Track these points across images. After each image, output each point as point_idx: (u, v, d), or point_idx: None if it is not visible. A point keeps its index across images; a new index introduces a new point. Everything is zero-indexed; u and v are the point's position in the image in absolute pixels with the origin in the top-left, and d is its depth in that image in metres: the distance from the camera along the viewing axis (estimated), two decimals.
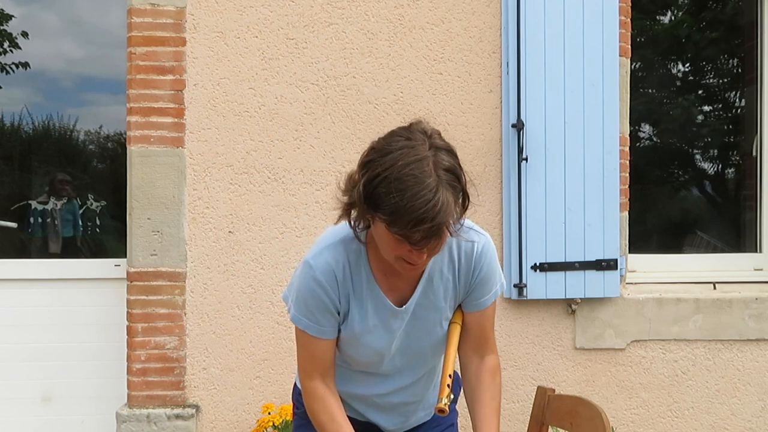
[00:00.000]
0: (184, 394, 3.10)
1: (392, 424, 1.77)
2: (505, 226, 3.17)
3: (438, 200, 1.32)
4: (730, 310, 3.29)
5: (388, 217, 1.35)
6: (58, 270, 3.38)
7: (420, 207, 1.31)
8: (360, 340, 1.61)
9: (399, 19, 3.17)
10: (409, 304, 1.60)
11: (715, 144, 4.19)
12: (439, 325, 1.64)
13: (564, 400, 1.90)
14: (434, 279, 1.60)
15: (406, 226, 1.33)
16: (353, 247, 1.56)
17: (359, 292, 1.58)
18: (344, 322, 1.60)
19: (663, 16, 4.18)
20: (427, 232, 1.34)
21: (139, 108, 3.07)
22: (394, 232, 1.36)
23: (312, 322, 1.58)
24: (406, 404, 1.75)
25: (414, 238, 1.35)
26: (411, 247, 1.38)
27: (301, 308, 1.58)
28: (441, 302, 1.62)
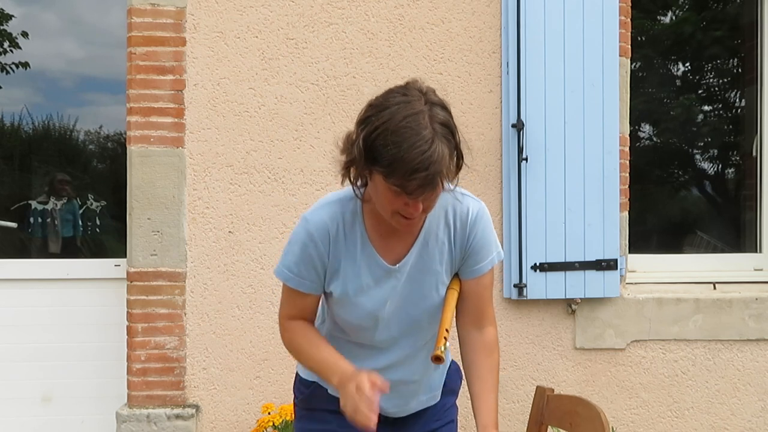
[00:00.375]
0: (184, 394, 3.10)
1: (392, 405, 1.73)
2: (505, 226, 3.16)
3: (434, 151, 1.38)
4: (730, 310, 3.29)
5: (386, 168, 1.39)
6: (58, 270, 3.38)
7: (416, 157, 1.37)
8: (353, 300, 1.62)
9: (399, 19, 3.17)
10: (402, 264, 1.62)
11: (715, 144, 4.19)
12: (434, 289, 1.65)
13: (563, 400, 1.90)
14: (429, 242, 1.62)
15: (404, 175, 1.38)
16: (350, 207, 1.60)
17: (353, 251, 1.60)
18: (337, 280, 1.61)
19: (663, 16, 4.18)
20: (423, 180, 1.38)
21: (139, 108, 3.07)
22: (391, 183, 1.41)
23: (293, 275, 1.61)
24: (405, 383, 1.72)
25: (410, 187, 1.39)
26: (407, 198, 1.42)
27: (287, 260, 1.62)
28: (436, 265, 1.63)
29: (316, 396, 1.79)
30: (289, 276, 1.62)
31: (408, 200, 1.43)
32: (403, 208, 1.46)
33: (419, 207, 1.45)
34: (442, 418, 1.82)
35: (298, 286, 1.63)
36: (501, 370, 3.26)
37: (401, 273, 1.62)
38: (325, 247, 1.59)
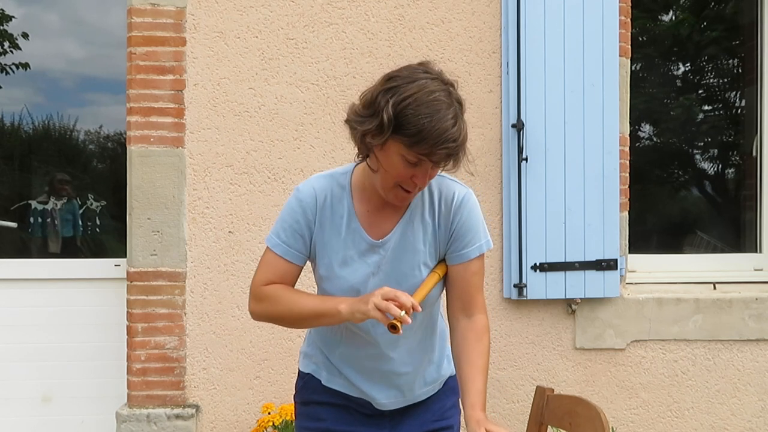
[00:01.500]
0: (184, 394, 3.10)
1: (387, 397, 1.74)
2: (505, 226, 3.17)
3: (460, 125, 1.50)
4: (730, 310, 3.29)
5: (413, 137, 1.46)
6: (58, 270, 3.38)
7: (447, 128, 1.46)
8: (337, 273, 1.65)
9: (399, 19, 3.17)
10: (386, 239, 1.65)
11: (715, 144, 4.19)
12: (417, 268, 1.66)
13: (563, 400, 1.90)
14: (414, 221, 1.66)
15: (434, 145, 1.46)
16: (339, 182, 1.68)
17: (339, 224, 1.65)
18: (322, 251, 1.66)
19: (663, 16, 4.18)
20: (452, 150, 1.48)
21: (139, 108, 3.07)
22: (415, 152, 1.48)
23: (281, 241, 1.67)
24: (398, 375, 1.72)
25: (437, 156, 1.48)
26: (420, 169, 1.51)
27: (277, 228, 1.69)
28: (420, 245, 1.66)
29: (310, 387, 1.80)
30: (277, 243, 1.68)
31: (417, 172, 1.51)
32: (408, 181, 1.53)
33: (427, 178, 1.54)
34: (442, 419, 1.81)
35: (284, 253, 1.67)
36: (501, 370, 3.28)
37: (385, 249, 1.65)
38: (312, 216, 1.66)
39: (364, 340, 1.69)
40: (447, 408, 1.83)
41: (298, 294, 1.68)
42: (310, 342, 1.84)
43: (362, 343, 1.70)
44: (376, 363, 1.71)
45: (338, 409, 1.77)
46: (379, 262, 1.65)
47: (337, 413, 1.77)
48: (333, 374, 1.76)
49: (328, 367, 1.77)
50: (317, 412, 1.78)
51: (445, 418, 1.82)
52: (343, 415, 1.76)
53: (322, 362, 1.78)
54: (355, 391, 1.75)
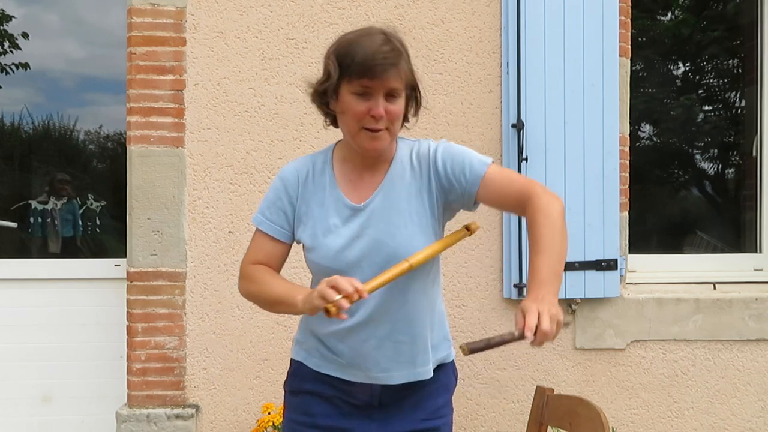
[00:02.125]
0: (184, 394, 3.10)
1: (383, 369, 1.71)
2: (505, 226, 3.16)
3: (392, 44, 1.61)
4: (730, 310, 3.29)
5: (350, 67, 1.58)
6: (58, 270, 3.38)
7: (376, 45, 1.58)
8: (322, 241, 1.69)
9: (399, 19, 3.17)
10: (367, 202, 1.69)
11: (715, 144, 4.19)
12: (403, 227, 1.67)
13: (563, 400, 1.90)
14: (395, 183, 1.70)
15: (366, 62, 1.56)
16: (320, 158, 1.77)
17: (321, 195, 1.72)
18: (306, 224, 1.72)
19: (663, 16, 4.18)
20: (383, 61, 1.56)
21: (139, 108, 3.07)
22: (357, 82, 1.58)
23: (264, 218, 1.77)
24: (391, 341, 1.70)
25: (375, 73, 1.56)
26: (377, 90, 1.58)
27: (261, 206, 1.78)
28: (403, 203, 1.69)
29: (299, 375, 1.80)
30: (261, 220, 1.77)
31: (371, 104, 1.59)
32: (367, 117, 1.60)
33: (381, 109, 1.59)
34: (433, 418, 1.79)
35: (267, 229, 1.76)
36: (501, 370, 3.29)
37: (367, 211, 1.69)
38: (294, 191, 1.74)
39: (356, 306, 1.62)
40: (439, 407, 1.81)
41: (273, 279, 1.73)
42: (302, 328, 1.84)
43: (352, 309, 1.63)
44: (369, 330, 1.69)
45: (327, 401, 1.76)
46: (362, 225, 1.67)
47: (326, 406, 1.76)
48: (326, 358, 1.74)
49: (321, 349, 1.75)
50: (306, 403, 1.77)
51: (437, 417, 1.80)
52: (332, 409, 1.76)
53: (313, 347, 1.77)
54: (349, 372, 1.73)
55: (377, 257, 1.66)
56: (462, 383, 3.20)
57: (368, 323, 1.69)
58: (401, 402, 1.76)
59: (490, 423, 3.22)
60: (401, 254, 1.65)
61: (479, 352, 1.51)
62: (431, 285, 1.76)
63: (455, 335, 3.19)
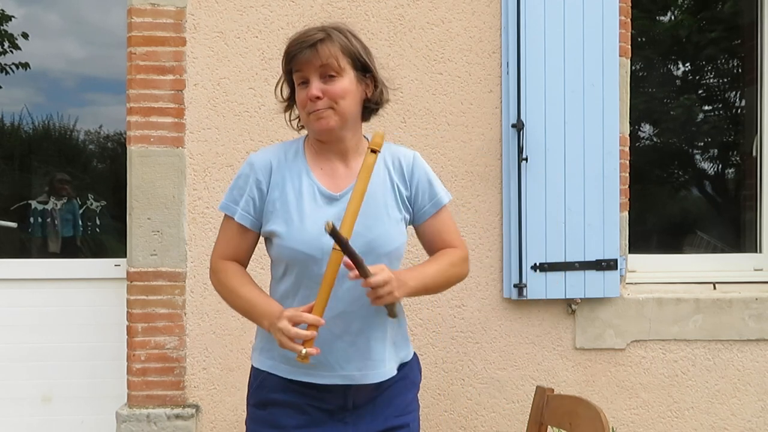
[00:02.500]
0: (184, 394, 3.10)
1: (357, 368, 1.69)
2: (505, 226, 3.17)
3: (324, 29, 1.67)
4: (730, 310, 3.29)
5: (286, 60, 1.70)
6: (58, 270, 3.38)
7: (303, 33, 1.68)
8: (297, 226, 1.68)
9: (399, 19, 3.17)
10: (346, 191, 1.71)
11: (715, 144, 4.19)
12: (379, 219, 1.70)
13: (563, 400, 1.91)
14: (372, 176, 1.69)
15: (291, 48, 1.66)
16: (293, 147, 1.79)
17: (295, 182, 1.73)
18: (278, 210, 1.70)
19: (663, 16, 4.18)
20: (305, 42, 1.64)
21: (139, 108, 3.07)
22: (293, 71, 1.69)
23: (230, 202, 1.75)
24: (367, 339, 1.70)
25: (299, 54, 1.65)
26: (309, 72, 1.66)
27: (228, 193, 1.77)
28: (380, 196, 1.73)
29: (267, 386, 1.74)
30: (227, 205, 1.75)
31: (311, 87, 1.66)
32: (310, 104, 1.67)
33: (314, 90, 1.65)
34: (403, 414, 1.79)
35: (238, 217, 1.74)
36: (501, 370, 3.28)
37: (344, 200, 1.69)
38: (264, 178, 1.73)
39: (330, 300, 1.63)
40: (408, 402, 1.82)
41: (240, 282, 1.75)
42: (263, 333, 1.76)
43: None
44: (343, 324, 1.68)
45: (298, 411, 1.72)
46: (339, 213, 1.66)
47: (298, 417, 1.72)
48: (295, 364, 1.65)
49: (290, 355, 1.64)
50: (276, 416, 1.72)
51: (407, 413, 1.81)
52: (305, 419, 1.71)
53: (280, 353, 1.69)
54: (321, 375, 1.70)
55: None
56: (462, 383, 3.20)
57: (342, 317, 1.67)
58: (373, 402, 1.76)
59: (490, 423, 3.22)
60: (377, 245, 1.68)
61: (336, 242, 1.54)
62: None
63: (455, 335, 3.20)
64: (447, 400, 3.20)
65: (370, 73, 1.74)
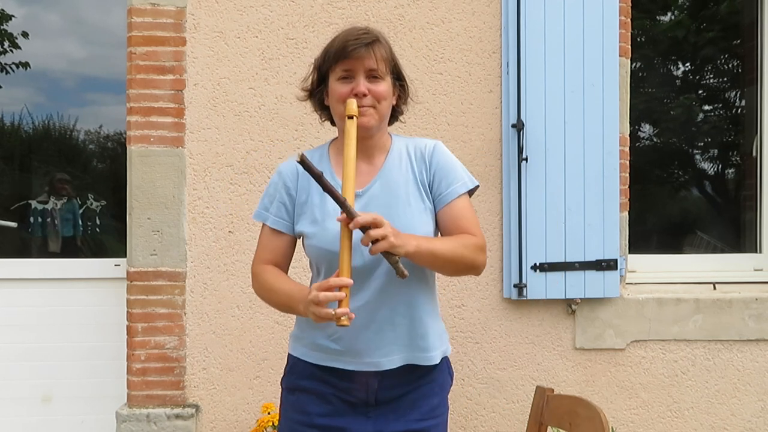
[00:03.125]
0: (184, 394, 3.10)
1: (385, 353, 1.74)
2: (505, 226, 3.17)
3: (370, 31, 1.73)
4: (730, 310, 3.29)
5: (330, 52, 1.72)
6: (58, 270, 3.38)
7: (352, 31, 1.73)
8: (322, 225, 1.74)
9: (399, 19, 3.17)
10: (366, 188, 1.77)
11: (715, 144, 4.19)
12: (401, 211, 1.74)
13: (563, 400, 1.90)
14: (393, 171, 1.79)
15: (344, 44, 1.69)
16: (317, 152, 1.87)
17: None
18: (306, 212, 1.78)
19: (663, 16, 4.18)
20: (361, 41, 1.69)
21: (139, 108, 3.07)
22: (338, 65, 1.71)
23: (262, 209, 1.84)
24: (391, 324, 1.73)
25: (350, 51, 1.69)
26: (358, 69, 1.70)
27: (262, 201, 1.85)
28: (401, 190, 1.77)
29: (296, 371, 1.82)
30: (263, 214, 1.84)
31: (353, 84, 1.71)
32: (351, 96, 1.70)
33: (362, 87, 1.70)
34: (428, 418, 1.80)
35: (272, 223, 1.82)
36: (501, 370, 3.28)
37: (366, 197, 1.76)
38: (292, 184, 1.81)
39: (357, 290, 1.68)
40: (434, 406, 1.82)
41: (276, 279, 1.78)
42: (299, 322, 1.86)
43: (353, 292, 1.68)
44: (369, 313, 1.72)
45: (323, 400, 1.77)
46: (361, 209, 1.70)
47: (323, 406, 1.77)
48: (324, 350, 1.76)
49: (319, 340, 1.77)
50: (302, 402, 1.79)
51: (432, 417, 1.81)
52: (328, 408, 1.77)
53: (311, 341, 1.79)
54: (347, 361, 1.75)
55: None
56: (462, 383, 3.20)
57: (368, 306, 1.72)
58: (398, 401, 1.78)
59: (490, 423, 3.22)
60: None
61: (307, 170, 1.56)
62: (429, 271, 1.80)
63: (455, 335, 3.20)
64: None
65: (402, 82, 1.83)
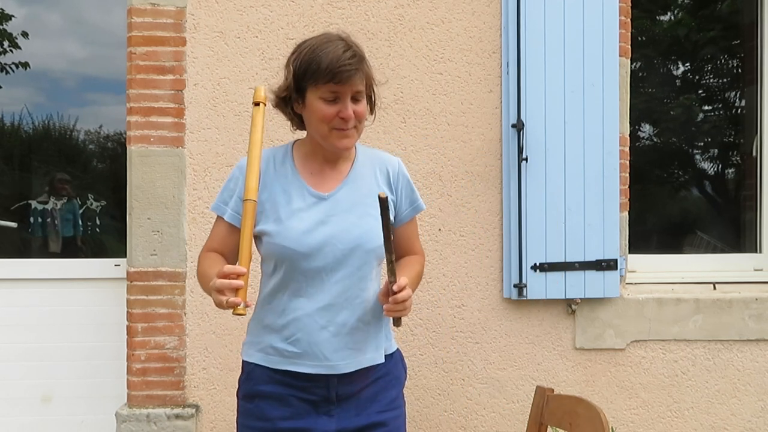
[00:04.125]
0: (184, 394, 3.10)
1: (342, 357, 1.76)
2: (505, 226, 3.17)
3: (353, 50, 1.72)
4: (730, 310, 3.29)
5: (316, 73, 1.69)
6: (58, 270, 3.38)
7: (339, 51, 1.70)
8: (285, 224, 1.75)
9: (399, 19, 3.17)
10: (333, 192, 1.80)
11: (715, 144, 4.19)
12: (366, 218, 1.78)
13: (563, 400, 1.91)
14: (359, 178, 1.84)
15: (333, 69, 1.67)
16: (281, 151, 1.88)
17: (283, 183, 1.81)
18: (268, 210, 1.78)
19: (663, 16, 4.18)
20: (351, 68, 1.68)
21: (139, 108, 3.07)
22: (325, 87, 1.69)
23: (220, 203, 1.85)
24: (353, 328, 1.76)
25: (342, 77, 1.67)
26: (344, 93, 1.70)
27: (221, 195, 1.86)
28: (366, 198, 1.81)
29: (254, 378, 1.83)
30: (220, 206, 1.85)
31: (340, 107, 1.71)
32: (337, 119, 1.72)
33: (350, 111, 1.72)
34: (388, 410, 1.84)
35: (228, 217, 1.83)
36: (501, 370, 3.28)
37: (332, 200, 1.79)
38: None
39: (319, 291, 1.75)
40: (393, 398, 1.86)
41: (210, 264, 1.79)
42: (253, 328, 1.87)
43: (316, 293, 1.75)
44: (331, 316, 1.75)
45: (284, 404, 1.78)
46: (327, 212, 1.76)
47: (284, 409, 1.78)
48: (281, 353, 1.77)
49: (276, 344, 1.78)
50: (262, 408, 1.80)
51: (392, 409, 1.85)
52: (290, 411, 1.77)
53: (268, 344, 1.80)
54: (306, 364, 1.76)
55: (340, 244, 1.74)
56: (462, 383, 3.20)
57: (328, 309, 1.75)
58: (358, 396, 1.80)
59: (490, 423, 3.22)
60: (363, 242, 1.75)
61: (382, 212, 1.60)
62: (378, 268, 1.85)
63: (455, 335, 3.20)
64: (447, 400, 3.20)
65: (374, 93, 1.86)
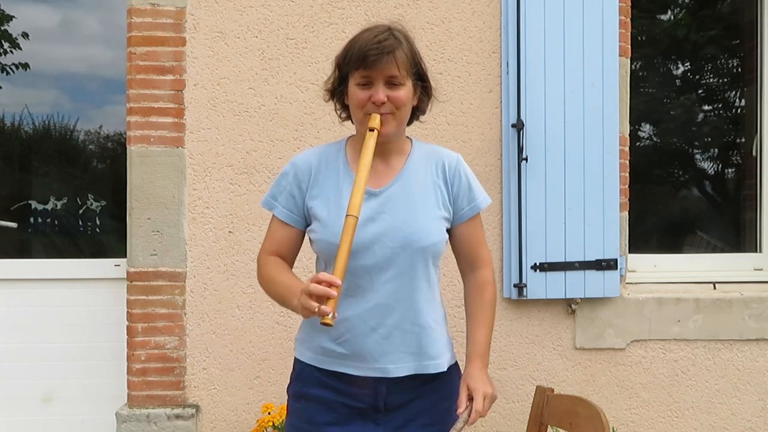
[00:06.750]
0: (184, 394, 3.10)
1: (394, 360, 1.72)
2: (505, 226, 3.17)
3: (388, 34, 1.68)
4: (730, 310, 3.29)
5: (350, 58, 1.68)
6: (58, 270, 3.38)
7: (372, 36, 1.67)
8: (334, 220, 1.71)
9: (399, 19, 3.15)
10: (384, 189, 1.75)
11: (715, 144, 4.19)
12: (419, 215, 1.74)
13: (563, 399, 1.90)
14: (412, 175, 1.78)
15: (363, 50, 1.64)
16: (334, 148, 1.83)
17: (335, 178, 1.77)
18: (319, 205, 1.75)
19: (663, 16, 4.18)
20: (377, 50, 1.64)
21: (139, 108, 3.07)
22: (357, 71, 1.67)
23: (270, 197, 1.82)
24: (401, 330, 1.73)
25: (368, 60, 1.64)
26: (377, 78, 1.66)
27: (271, 190, 1.83)
28: (419, 195, 1.77)
29: (303, 378, 1.79)
30: (269, 201, 1.82)
31: (372, 91, 1.67)
32: (371, 106, 1.68)
33: (381, 95, 1.67)
34: (438, 423, 1.79)
35: (273, 209, 1.81)
36: (501, 369, 3.28)
37: (383, 197, 1.74)
38: (305, 176, 1.78)
39: (368, 291, 1.71)
40: (443, 412, 1.81)
41: (277, 270, 1.76)
42: (306, 325, 1.82)
43: (364, 293, 1.71)
44: (379, 317, 1.71)
45: (331, 409, 1.74)
46: (377, 209, 1.72)
47: (331, 415, 1.74)
48: (330, 354, 1.74)
49: (326, 344, 1.74)
50: (309, 411, 1.76)
51: (442, 423, 1.79)
52: (336, 417, 1.74)
53: (318, 345, 1.75)
54: (354, 366, 1.73)
55: (390, 242, 1.70)
56: None
57: (378, 310, 1.71)
58: (407, 406, 1.77)
59: (490, 423, 3.22)
60: (415, 240, 1.71)
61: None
62: (435, 277, 1.80)
63: (455, 335, 3.18)
64: None
65: (425, 83, 1.80)
